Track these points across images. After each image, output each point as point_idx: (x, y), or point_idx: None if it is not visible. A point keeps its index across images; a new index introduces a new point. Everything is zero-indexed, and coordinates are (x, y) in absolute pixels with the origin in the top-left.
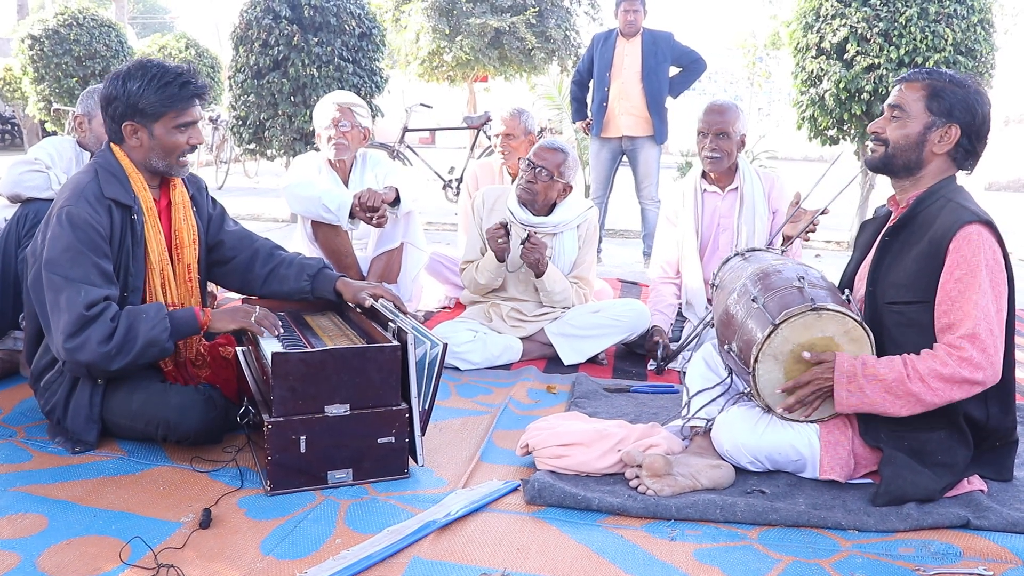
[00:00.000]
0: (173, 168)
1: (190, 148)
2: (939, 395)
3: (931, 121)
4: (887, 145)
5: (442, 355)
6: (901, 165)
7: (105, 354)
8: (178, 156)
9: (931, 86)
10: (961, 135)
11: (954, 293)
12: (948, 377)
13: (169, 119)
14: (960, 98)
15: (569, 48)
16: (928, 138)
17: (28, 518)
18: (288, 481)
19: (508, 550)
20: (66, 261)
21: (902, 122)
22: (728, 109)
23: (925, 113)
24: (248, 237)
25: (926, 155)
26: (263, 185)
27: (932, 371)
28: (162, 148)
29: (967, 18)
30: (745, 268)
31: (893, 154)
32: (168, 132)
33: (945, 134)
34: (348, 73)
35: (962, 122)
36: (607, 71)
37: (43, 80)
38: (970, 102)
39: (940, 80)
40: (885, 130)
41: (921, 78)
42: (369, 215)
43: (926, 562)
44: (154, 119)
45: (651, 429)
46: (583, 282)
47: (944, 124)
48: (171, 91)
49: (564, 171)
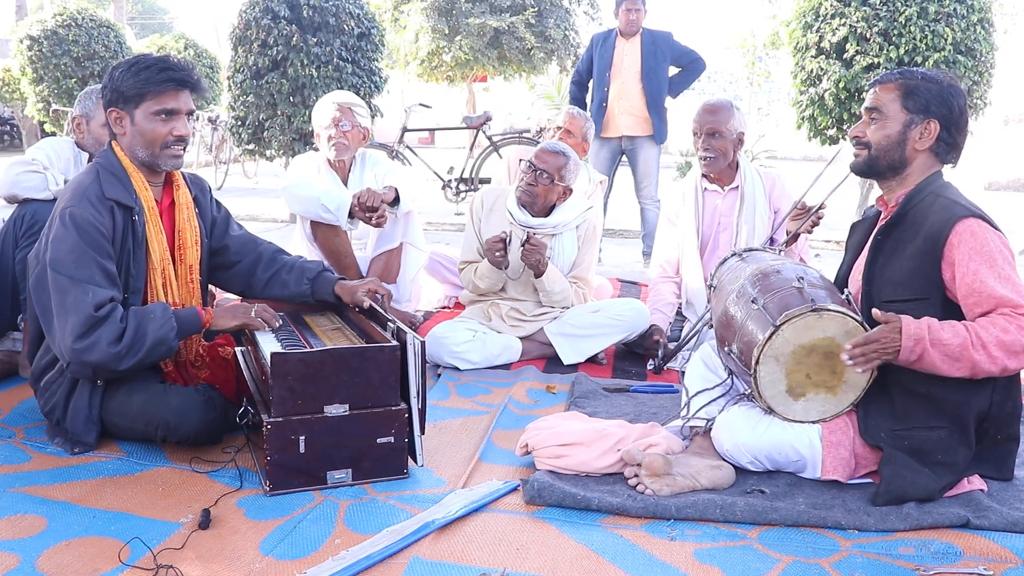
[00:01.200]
0: (159, 160)
1: (175, 140)
2: (996, 363)
3: (909, 119)
4: (869, 148)
5: (422, 352)
6: (886, 166)
7: (116, 354)
8: (161, 147)
9: (904, 85)
10: (941, 129)
11: (976, 284)
12: (1009, 345)
13: (148, 104)
14: (935, 93)
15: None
16: (908, 136)
17: (27, 519)
18: (287, 481)
19: (508, 550)
20: (71, 262)
21: (881, 124)
22: (721, 108)
23: (902, 112)
24: (252, 241)
25: (909, 153)
26: (262, 185)
27: (995, 339)
28: (142, 136)
29: (967, 17)
30: (743, 269)
31: (876, 156)
32: (147, 119)
33: (925, 130)
34: (347, 73)
35: (940, 116)
36: (607, 71)
37: (42, 81)
38: (944, 96)
39: (912, 78)
40: (865, 134)
41: (893, 79)
42: (368, 215)
43: (926, 562)
44: (134, 105)
45: (651, 429)
46: (582, 282)
47: (922, 120)
48: (148, 75)
49: (565, 174)
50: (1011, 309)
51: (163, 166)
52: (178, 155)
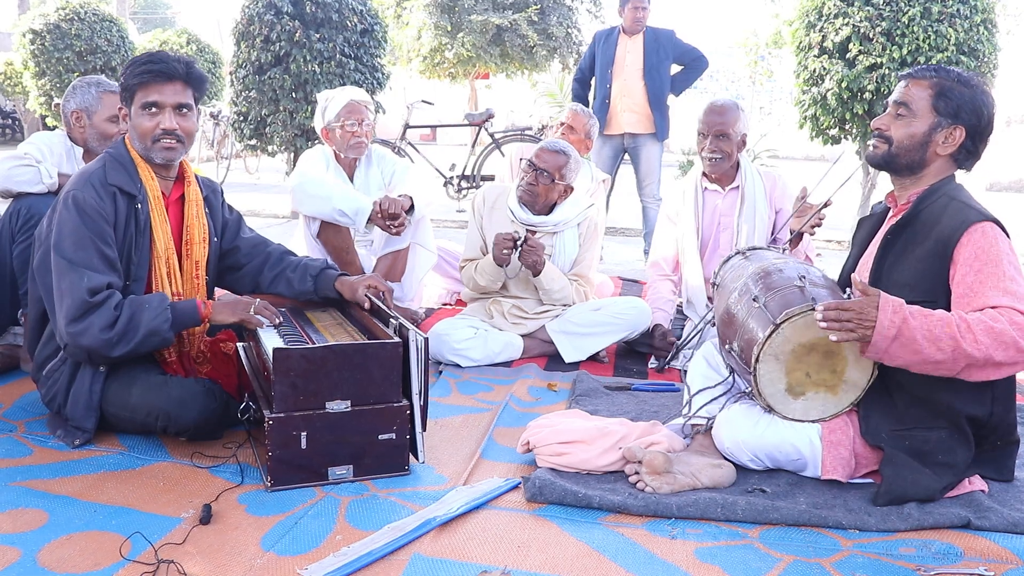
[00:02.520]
0: (152, 153)
1: (164, 133)
2: (981, 349)
3: (937, 122)
4: (890, 143)
5: (425, 349)
6: (904, 164)
7: (107, 341)
8: (152, 140)
9: (939, 84)
10: (966, 137)
11: (975, 284)
12: (998, 333)
13: (138, 98)
14: (968, 99)
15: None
16: (933, 139)
17: (28, 513)
18: (289, 477)
19: (509, 547)
20: (70, 245)
21: (907, 120)
22: (728, 109)
23: (931, 113)
24: (262, 244)
25: (929, 155)
26: (264, 181)
27: (983, 325)
28: (135, 130)
29: (970, 18)
30: (746, 267)
31: (897, 153)
32: (137, 112)
33: (950, 135)
34: (350, 69)
35: (968, 124)
36: (609, 68)
37: (44, 75)
38: (977, 103)
39: (948, 79)
40: (889, 127)
41: (929, 75)
42: (388, 223)
43: (927, 562)
44: (130, 99)
45: (652, 427)
46: (583, 280)
47: (950, 125)
48: (135, 68)
49: (566, 173)
50: (1007, 310)
51: (155, 159)
52: (170, 147)
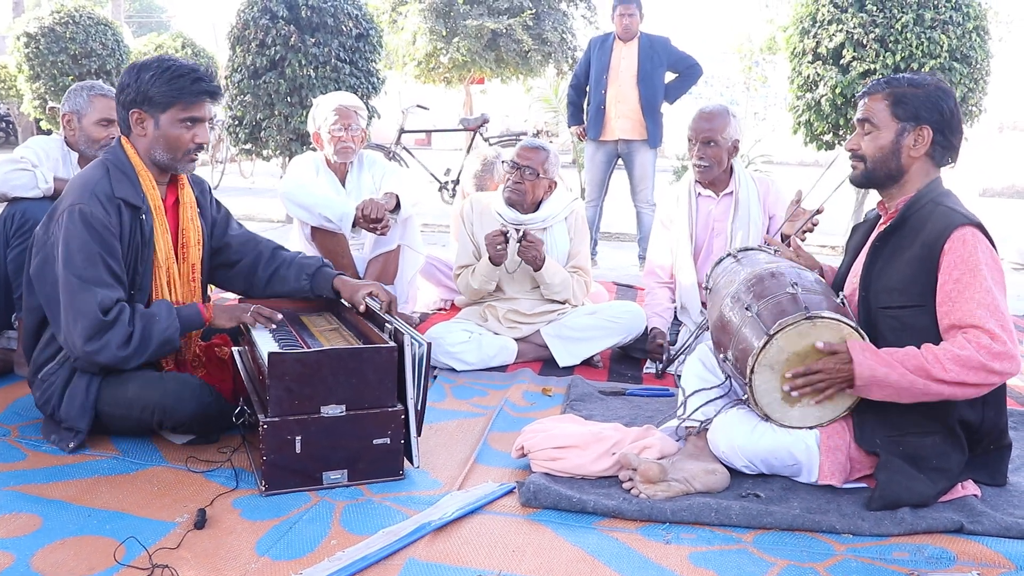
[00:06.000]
0: (179, 164)
1: (196, 147)
2: (949, 374)
3: (901, 127)
4: (865, 161)
5: (427, 354)
6: (883, 176)
7: (124, 357)
8: (184, 152)
9: (892, 94)
10: (934, 133)
11: (954, 294)
12: (965, 360)
13: (176, 111)
14: (923, 98)
15: (565, 51)
16: (902, 144)
17: (22, 518)
18: (283, 482)
19: (503, 552)
20: (80, 261)
21: (874, 135)
22: (716, 115)
23: (893, 120)
24: (252, 240)
25: (904, 160)
26: (258, 185)
27: (948, 351)
28: (166, 141)
29: (962, 25)
30: (738, 272)
31: (873, 168)
32: (173, 124)
33: (918, 136)
34: (345, 74)
35: (931, 121)
36: (603, 74)
37: (38, 78)
38: (933, 99)
39: (900, 86)
40: (860, 146)
41: (881, 88)
42: (372, 226)
43: (920, 566)
44: (161, 109)
45: (646, 432)
46: (582, 271)
47: (914, 127)
48: (182, 83)
49: (548, 168)
50: (977, 332)
51: (181, 170)
52: (195, 159)
